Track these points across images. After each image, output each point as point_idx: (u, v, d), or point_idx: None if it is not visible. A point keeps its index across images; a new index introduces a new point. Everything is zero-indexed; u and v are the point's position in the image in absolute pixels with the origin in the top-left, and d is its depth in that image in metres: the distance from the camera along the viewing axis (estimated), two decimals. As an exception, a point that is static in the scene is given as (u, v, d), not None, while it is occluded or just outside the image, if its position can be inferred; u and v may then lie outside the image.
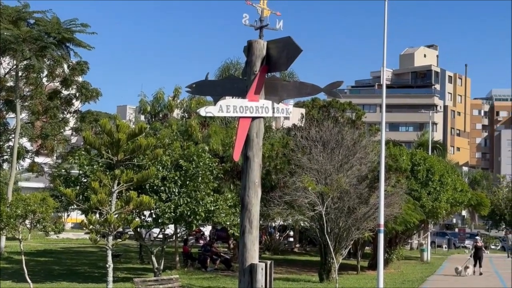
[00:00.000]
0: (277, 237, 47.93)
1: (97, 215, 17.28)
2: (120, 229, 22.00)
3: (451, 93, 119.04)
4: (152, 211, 21.87)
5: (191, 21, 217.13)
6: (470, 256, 34.87)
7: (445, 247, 63.67)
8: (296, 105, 55.73)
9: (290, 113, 9.70)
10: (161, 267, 24.09)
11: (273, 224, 45.91)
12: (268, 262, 8.87)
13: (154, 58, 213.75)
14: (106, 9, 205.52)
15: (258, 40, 9.18)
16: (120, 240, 17.77)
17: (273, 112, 9.20)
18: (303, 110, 46.32)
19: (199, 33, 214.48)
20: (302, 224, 33.36)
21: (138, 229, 24.12)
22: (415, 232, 44.09)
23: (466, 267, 32.65)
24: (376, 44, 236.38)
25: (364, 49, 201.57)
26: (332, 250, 24.89)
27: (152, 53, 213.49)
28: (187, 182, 22.32)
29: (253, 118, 9.00)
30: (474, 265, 33.50)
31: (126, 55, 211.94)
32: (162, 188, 21.95)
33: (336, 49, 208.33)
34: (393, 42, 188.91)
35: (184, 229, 26.01)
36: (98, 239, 16.02)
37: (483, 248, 36.92)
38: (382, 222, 21.94)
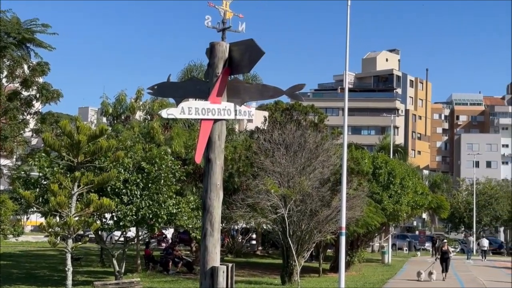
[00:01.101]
0: (240, 240, 47.92)
1: (57, 218, 17.06)
2: (80, 232, 21.78)
3: (412, 97, 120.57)
4: (113, 213, 21.65)
5: (154, 22, 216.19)
6: (436, 259, 33.50)
7: (406, 250, 64.40)
8: (259, 108, 55.85)
9: (253, 116, 9.71)
10: (122, 270, 23.85)
11: (236, 227, 45.89)
12: (230, 265, 8.84)
13: (117, 60, 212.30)
14: (66, 9, 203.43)
15: (220, 42, 9.16)
16: (80, 243, 17.56)
17: (236, 115, 9.19)
18: (266, 113, 46.40)
19: (162, 35, 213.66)
20: (264, 227, 33.44)
21: (99, 232, 23.87)
22: (376, 234, 44.47)
23: (431, 273, 30.97)
24: (339, 48, 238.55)
25: (327, 52, 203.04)
26: (294, 252, 24.95)
27: (115, 55, 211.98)
28: (149, 185, 22.16)
29: (215, 120, 8.98)
30: (442, 270, 32.19)
31: (88, 56, 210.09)
32: (123, 190, 21.74)
33: (299, 52, 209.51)
34: (356, 46, 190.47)
35: (146, 232, 25.80)
36: (58, 242, 15.82)
37: (450, 252, 34.28)
38: (344, 224, 22.06)
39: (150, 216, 21.89)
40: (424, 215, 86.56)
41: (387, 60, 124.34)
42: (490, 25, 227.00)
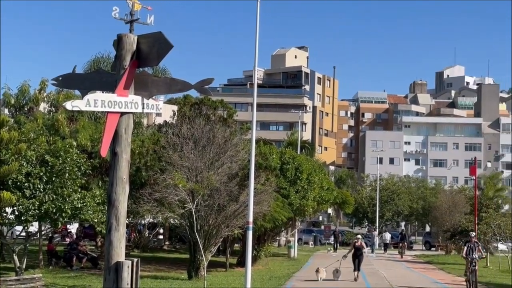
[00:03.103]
0: (147, 235, 47.49)
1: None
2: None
3: (320, 94, 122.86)
4: (14, 208, 20.97)
5: (60, 12, 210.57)
6: (344, 257, 29.76)
7: (311, 244, 65.63)
8: (168, 102, 55.42)
9: (161, 109, 9.60)
10: (24, 266, 23.14)
11: (143, 222, 45.43)
12: (135, 259, 8.74)
13: (20, 50, 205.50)
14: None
15: (128, 34, 9.01)
16: (-21, 238, 16.92)
17: (143, 108, 9.08)
18: (175, 107, 46.04)
19: (69, 25, 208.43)
20: (172, 222, 33.21)
21: (-1, 227, 23.08)
22: (283, 229, 45.06)
23: (317, 271, 28.33)
24: (249, 44, 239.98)
25: (238, 48, 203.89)
26: (201, 247, 24.93)
27: (18, 45, 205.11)
28: (53, 178, 21.58)
29: (122, 114, 8.83)
30: (354, 269, 29.22)
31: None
32: (26, 184, 21.07)
33: (210, 47, 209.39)
34: (266, 43, 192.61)
35: (49, 226, 25.16)
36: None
37: (364, 248, 31.00)
38: (251, 219, 22.20)
39: (54, 211, 21.34)
40: (330, 210, 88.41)
41: (296, 57, 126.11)
42: (394, 26, 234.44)
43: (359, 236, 32.33)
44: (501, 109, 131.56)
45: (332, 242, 60.38)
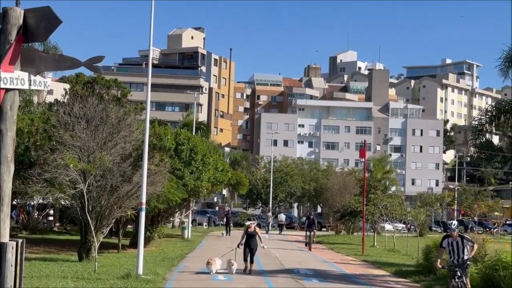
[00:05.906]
0: (36, 216, 46.18)
1: None
2: None
3: (216, 76, 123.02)
4: None
5: None
6: (238, 246, 23.88)
7: (206, 225, 65.94)
8: (60, 80, 53.76)
9: (49, 86, 9.31)
10: None
11: (32, 203, 44.15)
12: (20, 240, 8.49)
13: None
14: None
15: (14, 7, 8.67)
16: None
17: (30, 84, 8.77)
18: (67, 86, 44.81)
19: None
20: (62, 203, 32.48)
21: None
22: (177, 210, 45.04)
23: (209, 263, 23.14)
24: (145, 23, 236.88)
25: (134, 27, 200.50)
26: (93, 228, 24.52)
27: None
28: None
29: (7, 90, 8.52)
30: (245, 259, 23.60)
31: None
32: None
33: (104, 25, 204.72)
34: (162, 22, 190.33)
35: None
36: None
37: (259, 236, 24.41)
38: (144, 200, 22.08)
39: None
40: (224, 191, 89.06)
41: (192, 37, 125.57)
42: (290, 11, 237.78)
43: (252, 222, 27.35)
44: (390, 94, 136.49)
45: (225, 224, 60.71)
